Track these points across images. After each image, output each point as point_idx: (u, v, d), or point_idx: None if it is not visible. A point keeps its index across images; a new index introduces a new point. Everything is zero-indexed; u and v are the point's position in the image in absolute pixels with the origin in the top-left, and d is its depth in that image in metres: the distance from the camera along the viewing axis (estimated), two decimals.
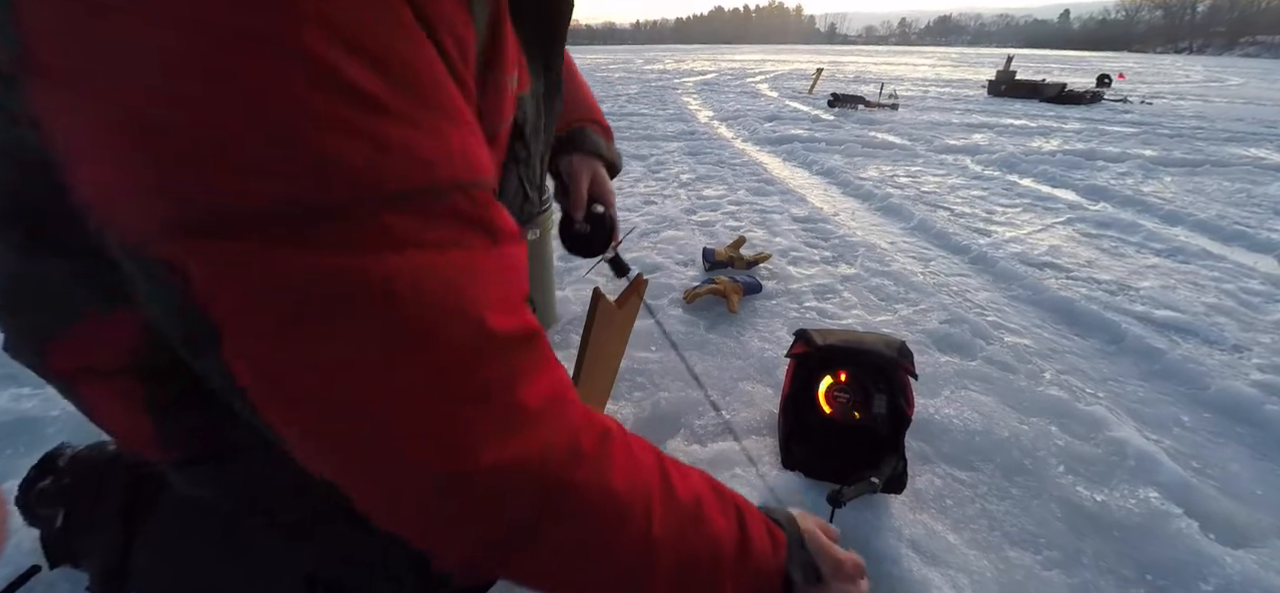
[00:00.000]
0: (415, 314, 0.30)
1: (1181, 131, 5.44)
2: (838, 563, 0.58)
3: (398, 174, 0.29)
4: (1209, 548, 0.95)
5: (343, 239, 0.28)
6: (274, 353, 0.29)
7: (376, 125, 0.28)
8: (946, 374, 1.44)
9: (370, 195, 0.28)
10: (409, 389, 0.31)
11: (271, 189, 0.26)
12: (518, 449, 0.34)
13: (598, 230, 0.80)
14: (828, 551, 0.58)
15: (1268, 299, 1.92)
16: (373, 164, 0.28)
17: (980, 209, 2.91)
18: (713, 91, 8.92)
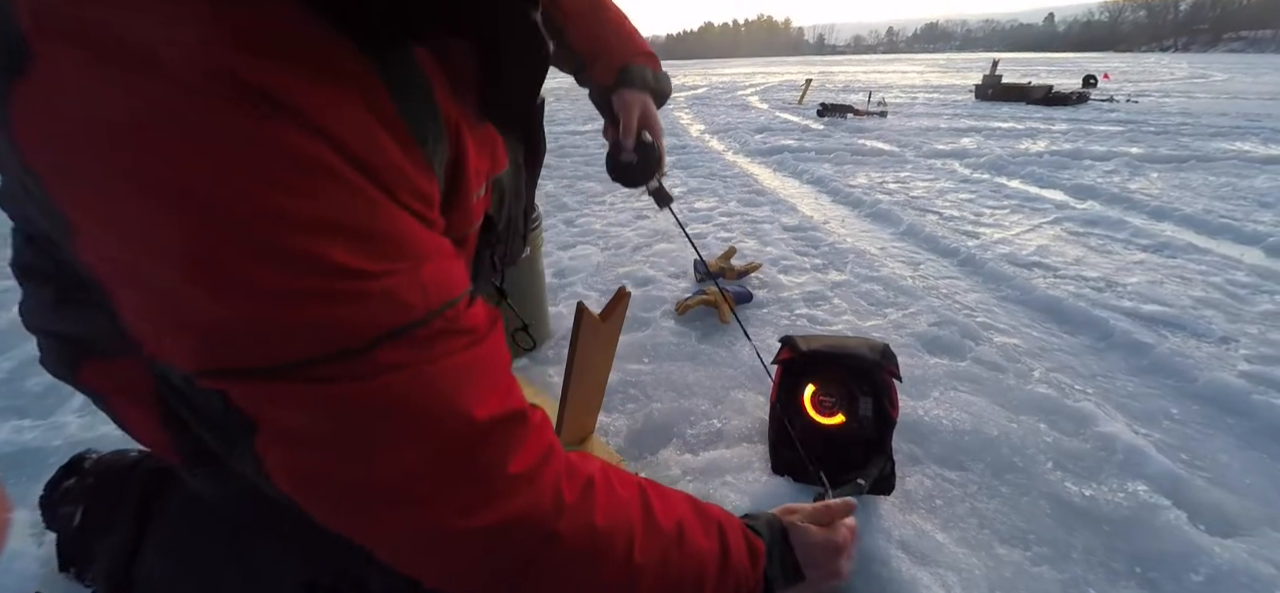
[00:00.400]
0: (412, 420, 0.38)
1: (1167, 128, 5.50)
2: (827, 547, 0.63)
3: (384, 319, 0.36)
4: (1198, 539, 0.96)
5: (347, 373, 0.35)
6: (296, 453, 0.37)
7: (361, 286, 0.35)
8: (936, 376, 1.45)
9: (362, 340, 0.36)
10: (411, 477, 0.39)
11: (285, 350, 0.34)
12: (507, 511, 0.42)
13: (645, 160, 0.84)
14: (814, 541, 0.62)
15: (1254, 290, 1.94)
16: (358, 319, 0.35)
17: (969, 212, 2.94)
18: (704, 106, 9.01)
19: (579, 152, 5.09)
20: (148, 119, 0.29)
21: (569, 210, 3.17)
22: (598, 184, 3.78)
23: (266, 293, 0.33)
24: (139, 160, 0.30)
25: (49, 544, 0.85)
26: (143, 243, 0.31)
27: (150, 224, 0.31)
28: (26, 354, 1.78)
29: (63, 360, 0.52)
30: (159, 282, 0.32)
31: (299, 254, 0.33)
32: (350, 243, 0.34)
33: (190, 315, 0.33)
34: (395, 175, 0.37)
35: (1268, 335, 1.63)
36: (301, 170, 0.32)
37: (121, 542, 0.65)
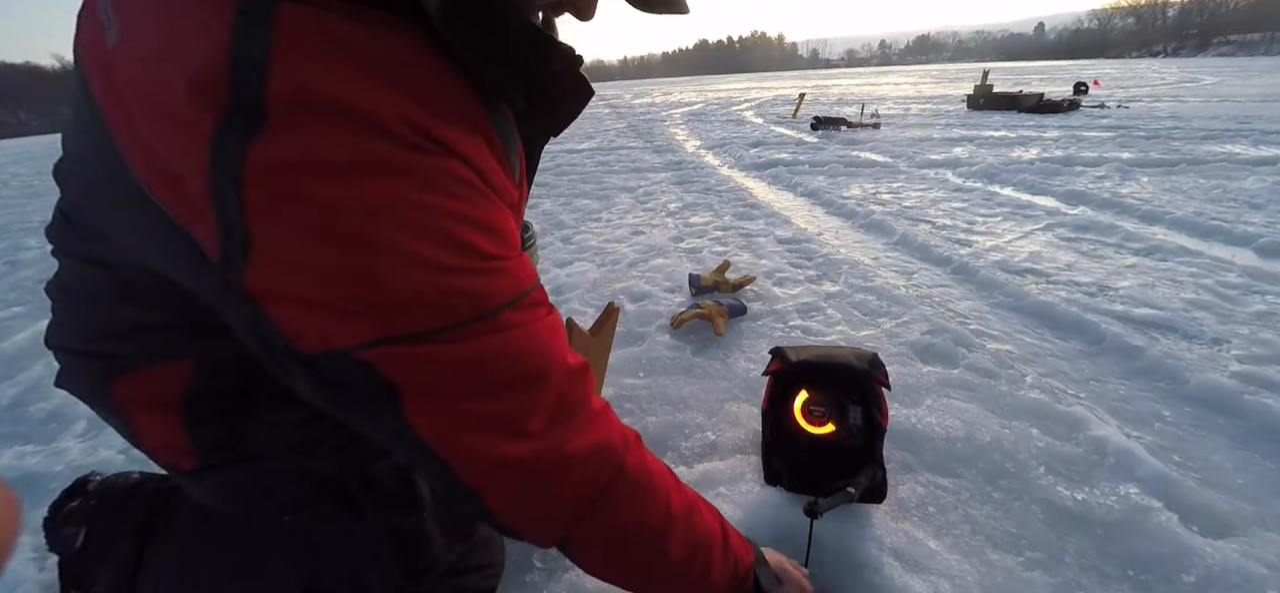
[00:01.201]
0: (529, 364, 0.49)
1: (1158, 133, 5.55)
2: (794, 582, 0.74)
3: (505, 292, 0.47)
4: (1191, 540, 0.96)
5: (483, 330, 0.46)
6: (442, 404, 0.46)
7: (495, 266, 0.47)
8: (929, 384, 1.46)
9: (495, 305, 0.47)
10: (531, 410, 0.49)
11: (442, 314, 0.44)
12: (595, 436, 0.53)
13: None
14: (785, 569, 0.74)
15: (1245, 291, 1.96)
16: (494, 290, 0.47)
17: (961, 221, 2.96)
18: (700, 121, 9.10)
19: (576, 169, 5.14)
20: (361, 155, 0.40)
21: (566, 228, 3.20)
22: (594, 202, 3.82)
23: (436, 266, 0.43)
24: (353, 183, 0.40)
25: (50, 569, 0.86)
26: (343, 243, 0.40)
27: (354, 227, 0.40)
28: (29, 381, 1.80)
29: (93, 377, 0.58)
30: (348, 273, 0.41)
31: (459, 240, 0.44)
32: (488, 234, 0.46)
33: (372, 293, 0.41)
34: (501, 188, 0.50)
35: (1259, 336, 1.64)
36: (461, 185, 0.45)
37: (123, 562, 0.67)
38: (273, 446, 0.60)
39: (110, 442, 1.42)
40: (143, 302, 0.52)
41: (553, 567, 0.95)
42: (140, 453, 0.62)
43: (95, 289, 0.54)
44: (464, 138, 0.46)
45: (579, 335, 0.89)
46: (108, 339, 0.55)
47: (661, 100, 15.86)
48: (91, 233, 0.51)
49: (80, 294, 0.56)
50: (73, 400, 1.59)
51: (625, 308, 2.01)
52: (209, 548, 0.66)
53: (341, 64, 0.40)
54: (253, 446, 0.59)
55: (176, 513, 0.69)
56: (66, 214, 0.55)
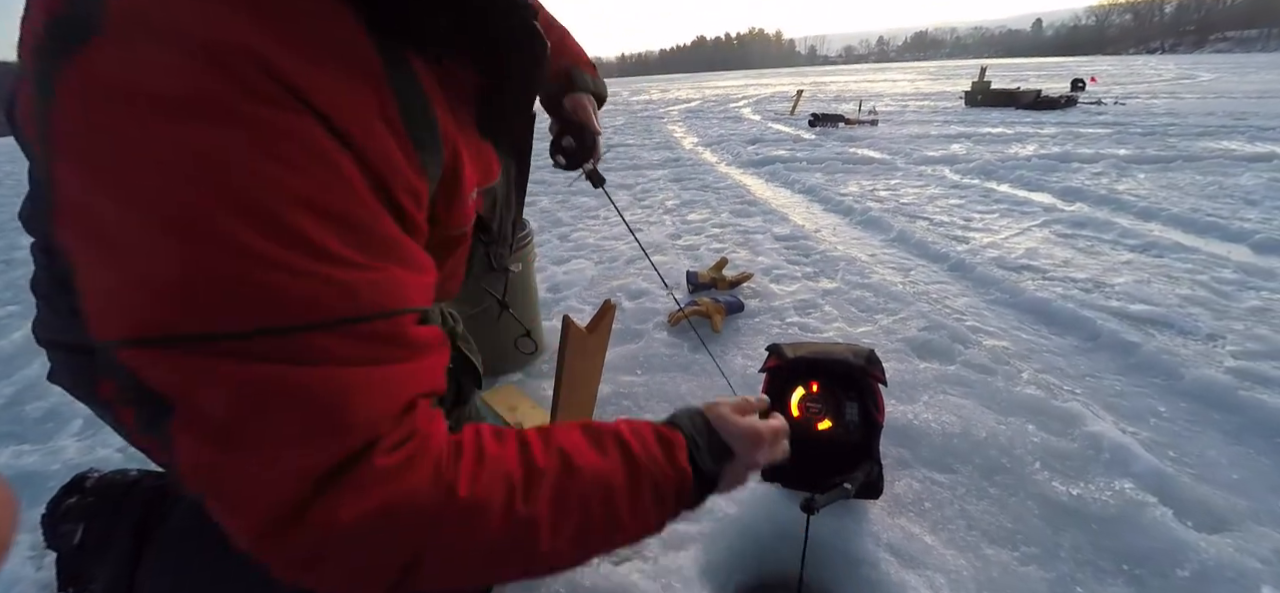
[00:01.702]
0: (326, 416, 0.38)
1: (1154, 129, 5.56)
2: (749, 432, 0.60)
3: (334, 305, 0.37)
4: (1185, 535, 0.97)
5: (277, 351, 0.36)
6: (202, 438, 0.37)
7: (322, 270, 0.36)
8: (926, 380, 1.46)
9: (303, 321, 0.36)
10: (305, 473, 0.38)
11: (218, 318, 0.35)
12: (382, 501, 0.41)
13: (582, 146, 0.94)
14: (736, 425, 0.60)
15: (1241, 287, 1.96)
16: (315, 300, 0.36)
17: (958, 217, 2.97)
18: (697, 118, 9.09)
19: None
20: (169, 91, 0.33)
21: (563, 226, 3.19)
22: (592, 199, 3.81)
23: (243, 252, 0.34)
24: (169, 127, 0.33)
25: (47, 567, 0.86)
26: (121, 198, 0.33)
27: (154, 182, 0.33)
28: (26, 381, 1.79)
29: (79, 372, 0.55)
30: (122, 241, 0.34)
31: (279, 221, 0.35)
32: (330, 226, 0.37)
33: (152, 272, 0.34)
34: (392, 170, 0.41)
35: (1254, 331, 1.65)
36: (309, 155, 0.36)
37: (120, 559, 0.67)
38: None
39: (107, 440, 1.42)
40: None
41: None
42: (138, 451, 0.61)
43: (60, 277, 0.50)
44: (337, 93, 0.37)
45: (575, 333, 0.89)
46: (83, 331, 0.53)
47: (659, 97, 15.84)
48: (39, 213, 0.47)
49: (50, 284, 0.53)
50: (69, 400, 1.58)
51: (623, 305, 2.01)
52: (207, 545, 0.65)
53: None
54: None
55: (175, 510, 0.69)
56: (31, 198, 0.51)
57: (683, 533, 0.98)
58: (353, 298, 0.38)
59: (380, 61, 0.40)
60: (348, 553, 0.41)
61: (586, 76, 0.99)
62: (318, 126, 0.36)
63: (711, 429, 0.59)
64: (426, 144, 0.45)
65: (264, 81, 0.34)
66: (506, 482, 0.47)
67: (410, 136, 0.43)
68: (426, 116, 0.45)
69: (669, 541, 0.97)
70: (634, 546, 0.55)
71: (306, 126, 0.36)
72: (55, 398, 1.64)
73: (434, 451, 0.45)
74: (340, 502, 0.39)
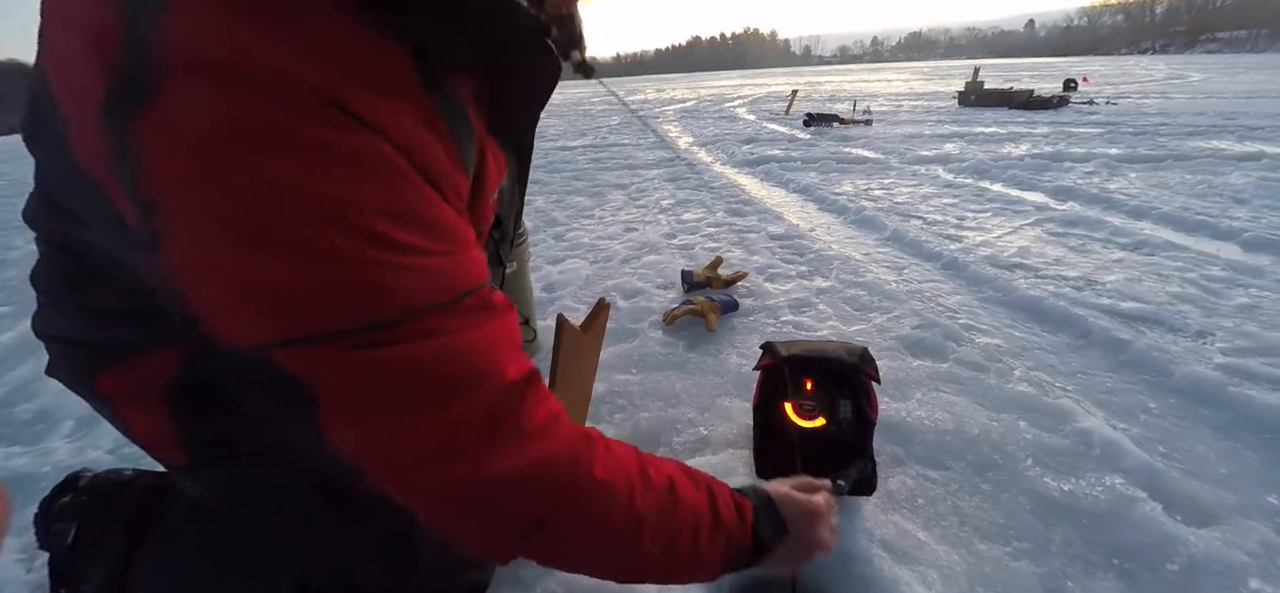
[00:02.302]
0: (457, 377, 0.45)
1: (1145, 129, 5.61)
2: (806, 512, 0.68)
3: (432, 291, 0.43)
4: (1174, 529, 0.98)
5: (404, 335, 0.42)
6: (357, 416, 0.43)
7: (419, 262, 0.42)
8: (919, 377, 1.47)
9: (418, 307, 0.42)
10: (456, 426, 0.45)
11: (353, 313, 0.40)
12: (533, 454, 0.48)
13: (565, 34, 0.91)
14: (794, 503, 0.68)
15: (1230, 284, 1.98)
16: (417, 289, 0.42)
17: (951, 216, 2.98)
18: (692, 118, 9.10)
19: (569, 166, 5.13)
20: (258, 129, 0.36)
21: (558, 225, 3.19)
22: (587, 199, 3.81)
23: (343, 258, 0.38)
24: (248, 160, 0.36)
25: (38, 569, 0.85)
26: (238, 230, 0.37)
27: (249, 212, 0.37)
28: (16, 382, 1.78)
29: (79, 366, 0.55)
30: (247, 265, 0.38)
31: (371, 230, 0.39)
32: (411, 226, 0.42)
33: (273, 287, 0.38)
34: (442, 176, 0.45)
35: (1243, 328, 1.66)
36: (375, 167, 0.40)
37: (114, 559, 0.67)
38: (263, 443, 0.59)
39: (98, 442, 1.41)
40: (115, 287, 0.49)
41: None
42: (131, 452, 0.61)
43: (70, 275, 0.52)
44: (391, 115, 0.41)
45: (570, 332, 0.89)
46: (88, 328, 0.53)
47: (655, 97, 15.85)
48: (61, 215, 0.49)
49: (57, 280, 0.54)
50: (60, 401, 1.59)
51: (618, 305, 2.01)
52: (202, 545, 0.65)
53: (245, 22, 0.36)
54: (243, 443, 0.58)
55: (170, 510, 0.69)
56: (39, 195, 0.52)
57: None
58: (448, 281, 0.44)
59: (422, 89, 0.44)
60: (491, 503, 0.47)
61: None
62: (380, 141, 0.40)
63: (774, 506, 0.66)
64: (464, 144, 0.49)
65: (323, 107, 0.38)
66: (627, 479, 0.53)
67: (453, 139, 0.47)
68: (464, 120, 0.49)
69: None
70: (689, 582, 0.62)
71: (370, 142, 0.40)
72: (45, 399, 1.62)
73: (568, 427, 0.52)
74: (492, 455, 0.46)
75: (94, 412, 0.62)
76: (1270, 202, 2.97)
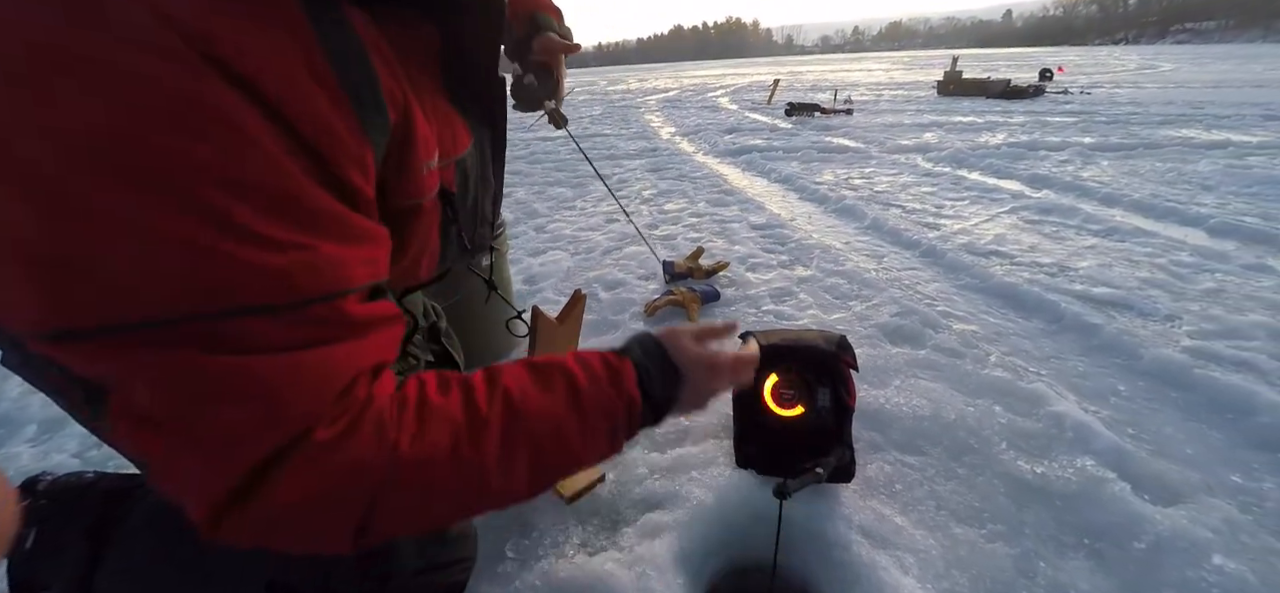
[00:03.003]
0: (265, 400, 0.37)
1: (1118, 118, 5.72)
2: (705, 359, 0.62)
3: (267, 290, 0.35)
4: (1142, 508, 1.00)
5: (205, 338, 0.34)
6: (139, 426, 0.36)
7: (251, 253, 0.34)
8: (897, 364, 1.48)
9: (232, 305, 0.34)
10: (229, 457, 0.38)
11: (154, 305, 0.32)
12: (326, 476, 0.41)
13: (544, 83, 0.92)
14: (690, 352, 0.61)
15: (1197, 269, 2.03)
16: (247, 285, 0.34)
17: (930, 205, 3.02)
18: (675, 108, 9.07)
19: (550, 157, 5.08)
20: (76, 59, 0.29)
21: (539, 217, 3.16)
22: (568, 190, 3.78)
23: (153, 235, 0.31)
24: (57, 98, 0.29)
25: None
26: (28, 187, 0.30)
27: (45, 162, 0.29)
28: None
29: (25, 357, 0.52)
30: (31, 225, 0.31)
31: (203, 203, 0.32)
32: (259, 205, 0.34)
33: (64, 263, 0.31)
34: (323, 133, 0.37)
35: (1208, 312, 1.71)
36: (223, 125, 0.32)
37: (76, 563, 0.64)
38: None
39: (62, 445, 1.37)
40: None
41: (525, 557, 0.94)
42: (97, 455, 0.59)
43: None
44: (254, 50, 0.33)
45: (545, 324, 0.88)
46: None
47: (637, 87, 15.77)
48: None
49: None
50: (21, 405, 1.53)
51: (599, 296, 2.00)
52: (169, 545, 0.63)
53: None
54: None
55: (133, 511, 0.67)
56: None
57: (657, 522, 0.98)
58: (283, 281, 0.36)
59: (303, 12, 0.36)
60: (298, 523, 0.41)
61: (551, 19, 0.96)
62: (230, 90, 0.32)
63: (664, 354, 0.60)
64: (366, 101, 0.41)
65: (167, 38, 0.30)
66: (452, 430, 0.47)
67: (346, 93, 0.39)
68: (364, 70, 0.41)
69: (643, 529, 0.97)
70: (599, 462, 0.58)
71: (217, 91, 0.32)
72: (7, 404, 1.57)
73: (375, 412, 0.44)
74: (281, 483, 0.39)
75: (59, 415, 0.60)
76: (1236, 188, 3.05)
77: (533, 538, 0.97)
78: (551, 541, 0.96)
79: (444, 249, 0.66)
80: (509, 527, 0.99)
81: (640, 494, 1.06)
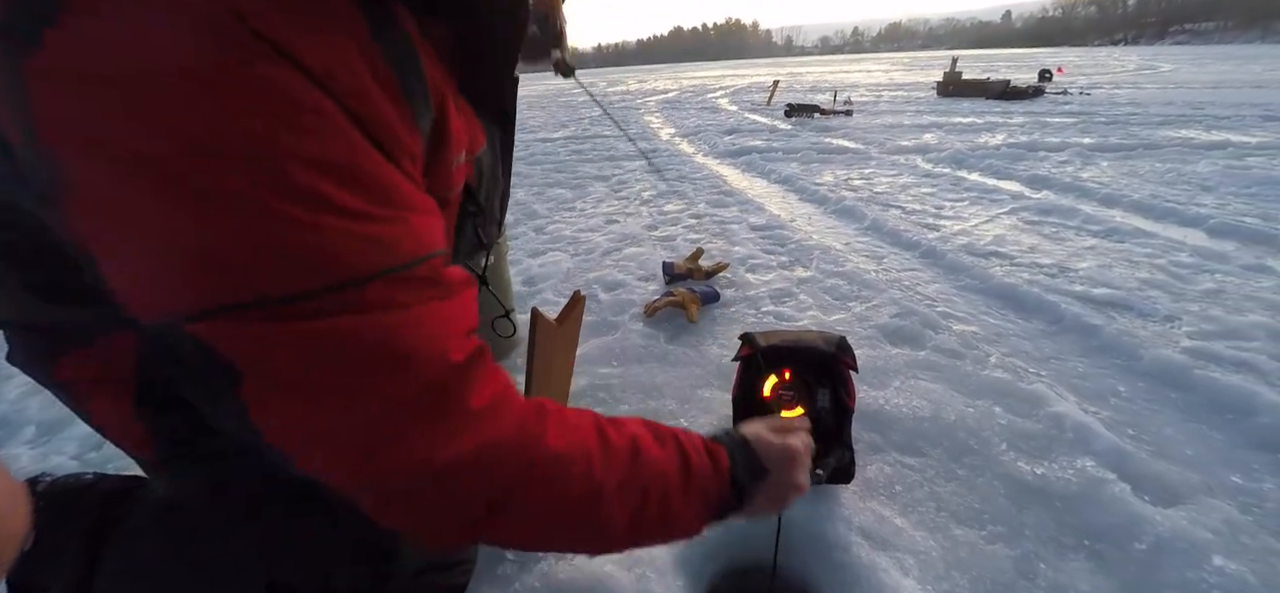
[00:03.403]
0: (396, 357, 0.40)
1: (1117, 119, 5.72)
2: (783, 453, 0.65)
3: (377, 258, 0.39)
4: (1142, 509, 1.00)
5: (339, 306, 0.37)
6: (284, 397, 0.39)
7: (358, 226, 0.38)
8: (897, 365, 1.48)
9: (357, 275, 0.38)
10: (391, 413, 0.41)
11: (281, 281, 0.36)
12: (480, 439, 0.44)
13: (546, 35, 0.91)
14: (770, 444, 0.65)
15: (1196, 270, 2.03)
16: (358, 253, 0.38)
17: (930, 205, 3.02)
18: (674, 109, 9.07)
19: (550, 158, 5.08)
20: (172, 63, 0.32)
21: (539, 217, 3.16)
22: (568, 191, 3.78)
23: (271, 218, 0.34)
24: (158, 99, 0.32)
25: None
26: (147, 183, 0.33)
27: (157, 162, 0.32)
28: None
29: (36, 352, 0.52)
30: (159, 223, 0.34)
31: (302, 187, 0.35)
32: (349, 184, 0.37)
33: (188, 248, 0.34)
34: (384, 129, 0.40)
35: (1208, 313, 1.71)
36: (304, 112, 0.35)
37: (75, 565, 0.64)
38: (230, 438, 0.57)
39: (62, 448, 1.37)
40: (56, 262, 0.45)
41: (525, 559, 0.94)
42: (97, 456, 0.59)
43: (9, 249, 0.47)
44: (326, 52, 0.36)
45: (545, 325, 0.88)
46: (37, 309, 0.49)
47: (636, 88, 15.78)
48: None
49: (7, 259, 0.50)
50: (21, 406, 1.53)
51: (598, 297, 2.00)
52: (169, 545, 0.63)
53: None
54: (210, 437, 0.55)
55: (133, 511, 0.66)
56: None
57: None
58: (389, 249, 0.40)
59: (365, 19, 0.39)
60: (441, 491, 0.44)
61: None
62: (311, 86, 0.35)
63: (750, 449, 0.63)
64: (417, 96, 0.44)
65: (253, 42, 0.33)
66: (585, 447, 0.50)
67: (400, 87, 0.42)
68: (416, 69, 0.44)
69: None
70: (674, 541, 0.61)
71: (301, 87, 0.35)
72: (5, 406, 1.57)
73: (517, 403, 0.48)
74: (436, 441, 0.42)
75: (57, 417, 0.59)
76: (1235, 189, 3.05)
77: None
78: None
79: (458, 246, 0.67)
80: None
81: None
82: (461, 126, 0.54)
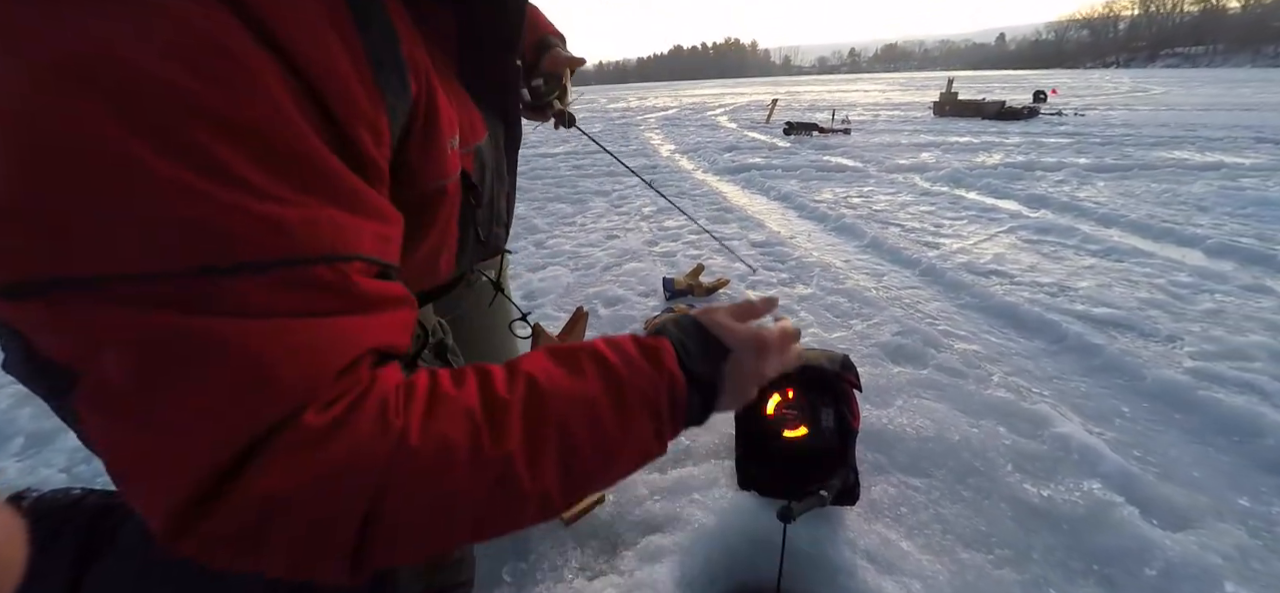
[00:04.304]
0: (247, 371, 0.32)
1: (1112, 139, 5.78)
2: (749, 333, 0.54)
3: (256, 244, 0.31)
4: (1151, 533, 0.98)
5: (197, 295, 0.30)
6: (114, 406, 0.32)
7: (241, 200, 0.30)
8: (899, 384, 1.47)
9: (226, 261, 0.30)
10: (223, 435, 0.33)
11: (116, 257, 0.29)
12: (323, 462, 0.35)
13: (551, 86, 0.96)
14: (732, 326, 0.53)
15: (1196, 290, 2.03)
16: (236, 234, 0.30)
17: (929, 224, 3.03)
18: (674, 126, 9.13)
19: (550, 173, 5.10)
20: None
21: (539, 232, 3.16)
22: (568, 206, 3.78)
23: (136, 173, 0.28)
24: (34, 13, 0.27)
25: None
26: (28, 121, 0.27)
27: (13, 82, 0.27)
28: None
29: (16, 353, 0.50)
30: (8, 155, 0.28)
31: (188, 142, 0.29)
32: (256, 154, 0.31)
33: (17, 193, 0.28)
34: (342, 93, 0.35)
35: (1209, 333, 1.70)
36: (218, 57, 0.29)
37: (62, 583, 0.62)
38: None
39: (51, 460, 1.34)
40: None
41: (522, 582, 0.92)
42: (87, 470, 0.57)
43: None
44: (287, 11, 0.32)
45: (546, 341, 0.86)
46: None
47: (637, 105, 15.91)
48: None
49: None
50: (11, 417, 1.51)
51: (599, 313, 1.99)
52: (161, 563, 0.61)
53: None
54: None
55: (123, 527, 0.64)
56: None
57: (658, 545, 0.96)
58: (284, 237, 0.32)
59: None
60: (285, 528, 0.35)
61: (556, 40, 0.99)
62: (236, 24, 0.30)
63: (703, 330, 0.52)
64: (386, 65, 0.39)
65: None
66: (469, 420, 0.40)
67: (367, 52, 0.37)
68: (388, 36, 0.39)
69: (644, 553, 0.95)
70: (641, 466, 0.49)
71: (227, 31, 0.29)
72: None
73: (377, 397, 0.38)
74: (265, 472, 0.33)
75: (47, 428, 0.58)
76: (1230, 209, 3.07)
77: (530, 562, 0.95)
78: (549, 564, 0.94)
79: (462, 244, 0.64)
80: (506, 551, 0.97)
81: (640, 516, 1.04)
82: (453, 112, 0.52)
